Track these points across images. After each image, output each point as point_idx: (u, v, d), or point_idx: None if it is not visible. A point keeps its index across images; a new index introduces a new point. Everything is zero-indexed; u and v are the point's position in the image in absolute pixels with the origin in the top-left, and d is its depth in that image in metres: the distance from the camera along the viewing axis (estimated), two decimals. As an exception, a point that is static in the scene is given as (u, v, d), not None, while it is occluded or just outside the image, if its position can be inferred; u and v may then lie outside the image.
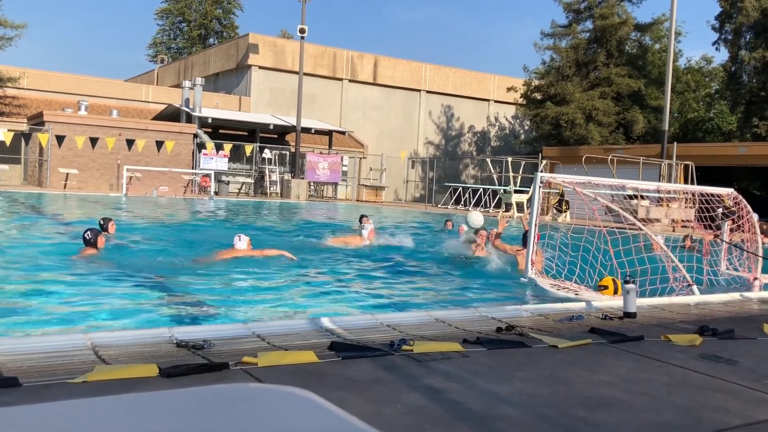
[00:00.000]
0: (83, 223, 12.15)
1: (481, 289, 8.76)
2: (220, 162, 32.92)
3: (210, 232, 14.44)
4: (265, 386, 1.01)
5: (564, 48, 39.17)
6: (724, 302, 7.15)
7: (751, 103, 33.36)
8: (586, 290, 7.54)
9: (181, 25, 62.37)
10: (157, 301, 6.98)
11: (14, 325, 5.49)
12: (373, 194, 37.33)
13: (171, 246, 11.52)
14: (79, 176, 30.17)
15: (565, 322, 5.43)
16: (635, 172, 27.05)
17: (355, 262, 10.72)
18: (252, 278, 8.70)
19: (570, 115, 36.49)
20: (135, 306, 6.55)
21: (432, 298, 8.16)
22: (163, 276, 8.36)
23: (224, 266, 9.35)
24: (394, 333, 4.63)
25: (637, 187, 10.72)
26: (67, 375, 3.25)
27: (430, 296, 8.25)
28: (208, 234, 13.87)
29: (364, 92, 43.62)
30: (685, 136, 39.07)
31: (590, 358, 4.28)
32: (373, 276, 9.55)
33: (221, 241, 10.84)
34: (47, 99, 36.57)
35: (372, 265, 10.49)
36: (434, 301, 7.88)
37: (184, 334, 4.17)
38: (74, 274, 8.10)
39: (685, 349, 4.69)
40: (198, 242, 12.11)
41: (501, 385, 3.56)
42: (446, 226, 17.63)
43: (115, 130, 30.69)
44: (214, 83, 42.94)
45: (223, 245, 10.28)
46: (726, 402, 3.50)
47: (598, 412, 3.21)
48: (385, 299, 7.83)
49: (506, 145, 48.04)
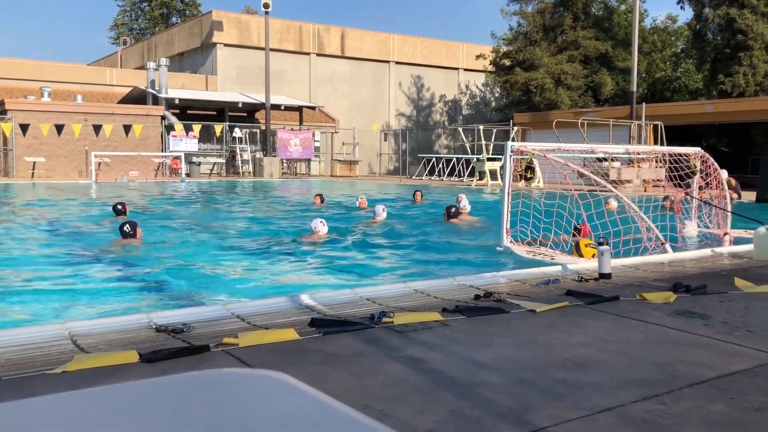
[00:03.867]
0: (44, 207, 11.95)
1: (457, 258, 8.81)
2: (190, 143, 32.51)
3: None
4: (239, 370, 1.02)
5: (530, 13, 39.10)
6: (696, 258, 7.30)
7: (717, 60, 33.67)
8: (561, 255, 7.63)
9: (142, 5, 60.99)
10: (135, 285, 6.93)
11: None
12: (347, 169, 37.21)
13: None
14: (46, 164, 29.62)
15: (541, 287, 5.50)
16: (606, 134, 27.27)
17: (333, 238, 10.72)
18: (230, 259, 8.67)
19: (539, 80, 36.56)
20: (113, 292, 6.49)
21: (410, 269, 8.20)
22: (141, 261, 8.29)
23: (206, 248, 9.32)
24: (374, 306, 4.65)
25: (607, 151, 10.81)
26: (47, 366, 3.22)
27: (409, 268, 8.29)
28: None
29: (332, 66, 43.22)
30: (653, 97, 39.39)
31: (567, 320, 4.34)
32: (351, 250, 9.56)
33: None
34: (8, 87, 35.68)
35: (350, 239, 10.49)
36: (412, 272, 7.93)
37: (163, 319, 4.14)
38: (48, 265, 7.99)
39: (659, 306, 4.78)
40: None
41: (481, 352, 3.61)
42: (415, 198, 17.53)
43: (80, 115, 30.09)
44: (180, 63, 42.20)
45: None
46: (700, 356, 3.58)
47: (576, 373, 3.27)
48: (364, 273, 7.85)
49: (478, 113, 48.06)
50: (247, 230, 11.66)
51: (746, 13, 31.13)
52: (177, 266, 8.00)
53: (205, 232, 11.29)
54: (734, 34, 31.71)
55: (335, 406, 0.91)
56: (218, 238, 10.76)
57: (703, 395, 2.99)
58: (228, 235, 11.10)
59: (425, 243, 10.11)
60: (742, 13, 31.13)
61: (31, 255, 8.73)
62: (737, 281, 5.64)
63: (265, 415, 0.89)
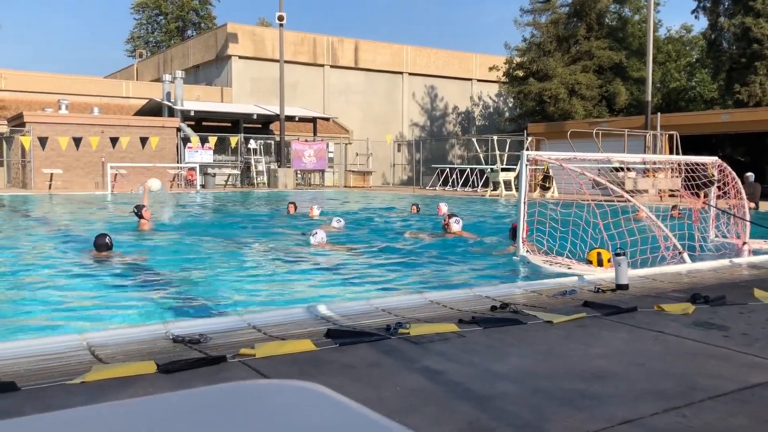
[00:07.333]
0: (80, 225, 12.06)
1: (473, 269, 8.78)
2: (205, 155, 32.71)
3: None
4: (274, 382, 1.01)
5: (544, 23, 39.08)
6: (715, 269, 7.22)
7: (732, 69, 33.45)
8: (578, 264, 7.59)
9: (158, 18, 61.62)
10: (151, 296, 6.96)
11: (8, 329, 5.46)
12: (361, 179, 37.26)
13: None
14: (63, 176, 29.91)
15: (558, 297, 5.47)
16: (620, 145, 27.13)
17: (345, 249, 10.72)
18: (246, 269, 8.69)
19: (553, 91, 36.49)
20: (130, 303, 6.53)
21: (426, 280, 8.18)
22: (158, 271, 8.33)
23: (221, 259, 9.37)
24: (389, 317, 4.64)
25: (623, 160, 10.75)
26: (65, 376, 3.24)
27: (424, 278, 8.27)
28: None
29: (346, 77, 43.38)
30: (668, 107, 39.17)
31: (585, 331, 4.31)
32: (365, 261, 9.56)
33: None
34: (27, 100, 36.13)
35: (363, 249, 10.49)
36: (427, 282, 7.91)
37: (180, 329, 4.16)
38: (66, 275, 8.06)
39: (678, 317, 4.73)
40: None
41: (498, 363, 3.59)
42: (412, 210, 17.71)
43: (97, 128, 30.39)
44: (195, 75, 42.55)
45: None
46: (720, 368, 3.54)
47: (595, 384, 3.25)
48: (380, 283, 7.84)
49: (491, 123, 48.01)
50: (260, 240, 11.68)
51: (762, 23, 30.92)
52: (193, 276, 8.04)
53: (220, 243, 11.33)
54: (750, 44, 31.50)
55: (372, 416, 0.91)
56: (232, 248, 10.80)
57: (724, 408, 2.95)
58: (242, 244, 11.14)
59: (441, 253, 10.09)
60: (758, 23, 30.92)
61: (48, 265, 8.80)
62: (757, 292, 5.58)
63: (305, 424, 0.89)
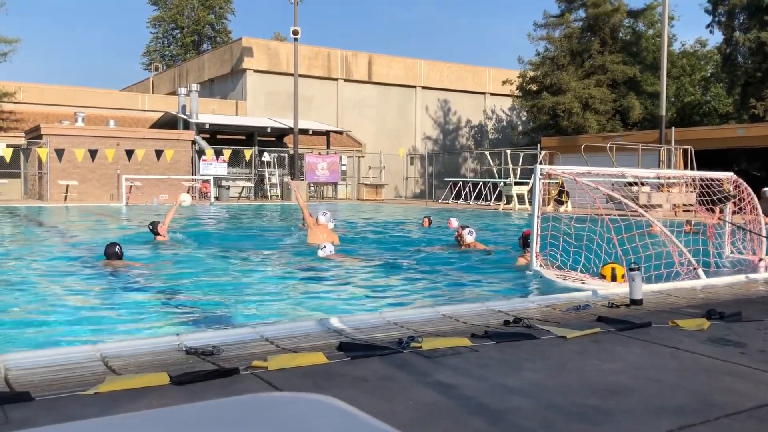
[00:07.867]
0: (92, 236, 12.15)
1: (486, 282, 8.75)
2: (219, 167, 32.93)
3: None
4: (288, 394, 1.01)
5: (557, 38, 39.16)
6: (730, 285, 7.15)
7: (747, 84, 33.31)
8: (591, 279, 7.54)
9: (174, 32, 62.32)
10: (165, 308, 6.99)
11: (22, 339, 5.50)
12: (374, 192, 37.33)
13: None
14: (79, 188, 30.20)
15: (572, 312, 5.43)
16: (634, 159, 27.02)
17: (356, 261, 10.72)
18: (259, 281, 8.71)
19: (567, 105, 36.48)
20: (143, 314, 6.55)
21: (438, 293, 8.16)
22: (172, 283, 8.37)
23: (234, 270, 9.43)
24: (402, 330, 4.63)
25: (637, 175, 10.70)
26: (79, 387, 3.25)
27: (437, 292, 8.25)
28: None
29: (359, 91, 43.60)
30: (682, 121, 39.01)
31: (599, 346, 4.28)
32: (377, 273, 9.55)
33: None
34: (44, 112, 36.59)
35: (375, 261, 10.49)
36: (440, 296, 7.88)
37: (193, 341, 4.17)
38: (80, 286, 8.11)
39: (693, 333, 4.69)
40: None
41: (511, 378, 3.56)
42: (423, 223, 17.58)
43: (113, 140, 30.70)
44: (210, 89, 42.93)
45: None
46: (736, 385, 3.50)
47: (609, 400, 3.22)
48: (392, 297, 7.83)
49: (504, 137, 48.01)
50: (273, 251, 11.71)
51: (777, 37, 30.82)
52: (206, 288, 8.06)
53: (233, 255, 11.36)
54: (765, 58, 31.38)
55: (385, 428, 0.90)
56: (245, 260, 10.82)
57: (740, 426, 2.91)
58: (255, 256, 11.16)
59: (453, 266, 10.07)
60: (773, 37, 30.83)
61: (62, 275, 8.86)
62: (773, 308, 5.52)
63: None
